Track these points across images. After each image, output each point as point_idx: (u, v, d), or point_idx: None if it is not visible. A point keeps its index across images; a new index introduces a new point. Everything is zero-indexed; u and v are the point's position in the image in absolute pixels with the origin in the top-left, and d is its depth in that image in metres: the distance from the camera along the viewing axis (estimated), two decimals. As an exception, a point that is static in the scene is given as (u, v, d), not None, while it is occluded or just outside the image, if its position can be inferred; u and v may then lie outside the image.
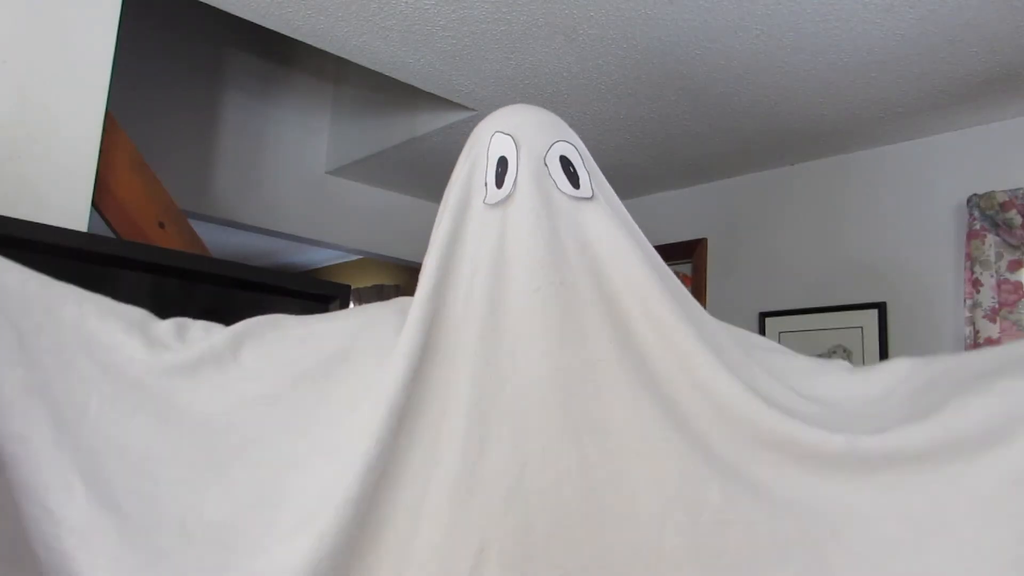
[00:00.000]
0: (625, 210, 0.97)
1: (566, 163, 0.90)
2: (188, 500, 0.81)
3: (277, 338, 0.94)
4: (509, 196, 0.87)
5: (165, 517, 0.79)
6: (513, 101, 2.50)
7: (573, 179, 0.89)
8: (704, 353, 0.82)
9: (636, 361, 0.84)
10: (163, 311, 1.41)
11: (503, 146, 0.90)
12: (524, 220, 0.86)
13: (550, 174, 0.89)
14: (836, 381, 0.90)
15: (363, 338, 0.93)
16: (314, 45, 2.23)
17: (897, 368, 0.89)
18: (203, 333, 0.94)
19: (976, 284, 2.35)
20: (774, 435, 0.79)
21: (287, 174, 3.24)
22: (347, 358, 0.91)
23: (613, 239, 0.87)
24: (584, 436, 0.80)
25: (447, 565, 0.78)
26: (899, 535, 0.74)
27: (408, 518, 0.80)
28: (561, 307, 0.83)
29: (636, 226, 0.97)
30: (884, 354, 2.60)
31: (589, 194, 0.89)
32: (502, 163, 0.89)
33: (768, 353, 0.96)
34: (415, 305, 0.85)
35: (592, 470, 0.79)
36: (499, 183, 0.88)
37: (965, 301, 2.39)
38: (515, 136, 0.90)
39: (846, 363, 0.94)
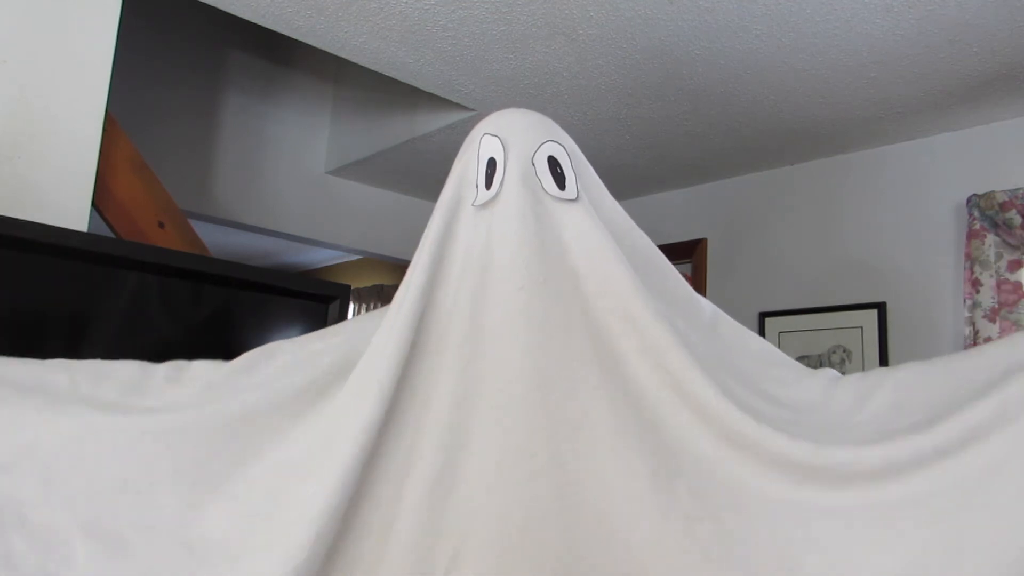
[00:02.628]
0: (618, 210, 0.99)
1: (553, 163, 0.91)
2: (192, 520, 0.82)
3: (282, 361, 0.96)
4: (496, 196, 0.89)
5: (171, 540, 0.81)
6: (513, 101, 2.51)
7: (559, 180, 0.91)
8: (679, 352, 0.84)
9: (611, 361, 0.86)
10: (164, 311, 1.41)
11: (492, 148, 0.91)
12: (510, 220, 0.88)
13: (537, 174, 0.90)
14: (814, 387, 0.93)
15: (356, 348, 0.94)
16: (314, 45, 2.23)
17: (876, 381, 0.91)
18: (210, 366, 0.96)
19: (976, 284, 2.35)
20: (743, 438, 0.81)
21: (287, 174, 3.24)
22: (343, 370, 0.92)
23: (591, 240, 0.89)
24: (559, 433, 0.82)
25: (426, 557, 0.80)
26: (865, 538, 0.77)
27: (388, 511, 0.82)
28: (543, 305, 0.85)
29: (630, 225, 0.98)
30: (884, 354, 2.60)
31: (573, 195, 0.90)
32: (491, 164, 0.90)
33: (747, 359, 0.97)
34: (407, 301, 0.86)
35: (566, 466, 0.81)
36: (488, 184, 0.90)
37: (965, 301, 2.39)
38: (503, 138, 0.91)
39: (832, 372, 0.96)
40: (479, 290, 0.86)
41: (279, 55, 3.19)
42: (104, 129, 1.71)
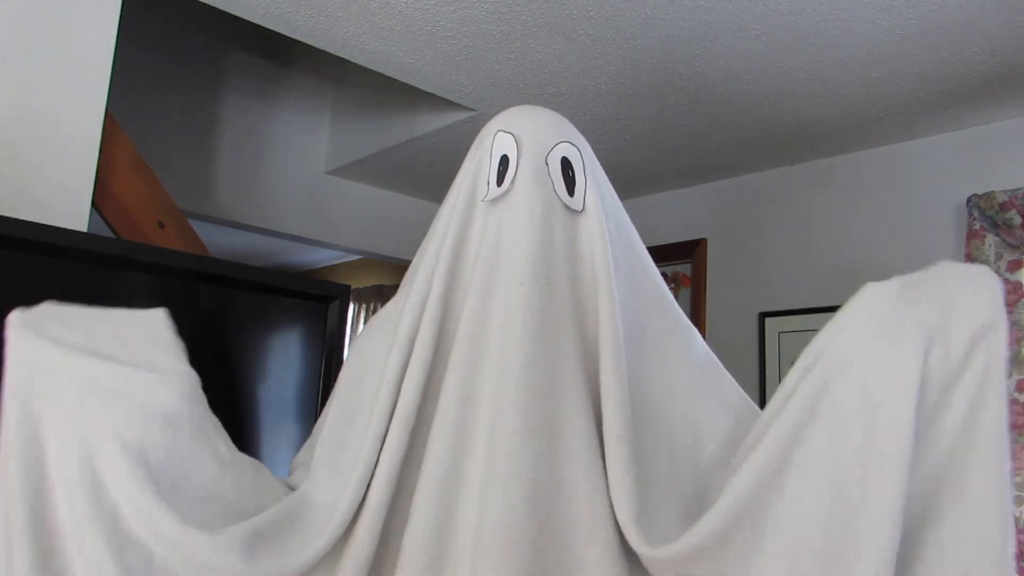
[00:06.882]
0: (624, 218, 0.98)
1: (567, 166, 0.91)
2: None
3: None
4: (508, 192, 0.89)
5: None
6: (513, 101, 2.50)
7: (570, 183, 0.90)
8: (617, 393, 0.85)
9: (585, 375, 0.87)
10: (163, 311, 1.41)
11: (505, 145, 0.91)
12: (520, 217, 0.88)
13: (550, 175, 0.90)
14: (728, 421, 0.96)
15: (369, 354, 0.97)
16: (314, 45, 2.23)
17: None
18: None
19: (976, 284, 2.34)
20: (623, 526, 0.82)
21: (287, 174, 3.24)
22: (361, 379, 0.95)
23: (593, 258, 0.89)
24: (542, 437, 0.82)
25: (439, 557, 0.81)
26: None
27: (404, 512, 0.84)
28: (540, 306, 0.85)
29: (631, 236, 0.98)
30: (884, 354, 2.59)
31: (580, 207, 0.90)
32: (504, 161, 0.90)
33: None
34: (428, 310, 0.88)
35: (540, 471, 0.81)
36: (500, 181, 0.90)
37: (965, 301, 2.38)
38: (517, 135, 0.91)
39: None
40: (488, 288, 0.87)
41: (279, 55, 3.18)
42: (104, 129, 1.71)
